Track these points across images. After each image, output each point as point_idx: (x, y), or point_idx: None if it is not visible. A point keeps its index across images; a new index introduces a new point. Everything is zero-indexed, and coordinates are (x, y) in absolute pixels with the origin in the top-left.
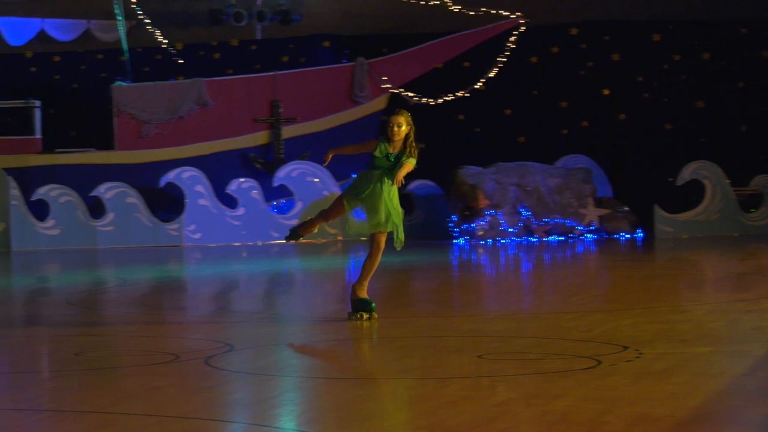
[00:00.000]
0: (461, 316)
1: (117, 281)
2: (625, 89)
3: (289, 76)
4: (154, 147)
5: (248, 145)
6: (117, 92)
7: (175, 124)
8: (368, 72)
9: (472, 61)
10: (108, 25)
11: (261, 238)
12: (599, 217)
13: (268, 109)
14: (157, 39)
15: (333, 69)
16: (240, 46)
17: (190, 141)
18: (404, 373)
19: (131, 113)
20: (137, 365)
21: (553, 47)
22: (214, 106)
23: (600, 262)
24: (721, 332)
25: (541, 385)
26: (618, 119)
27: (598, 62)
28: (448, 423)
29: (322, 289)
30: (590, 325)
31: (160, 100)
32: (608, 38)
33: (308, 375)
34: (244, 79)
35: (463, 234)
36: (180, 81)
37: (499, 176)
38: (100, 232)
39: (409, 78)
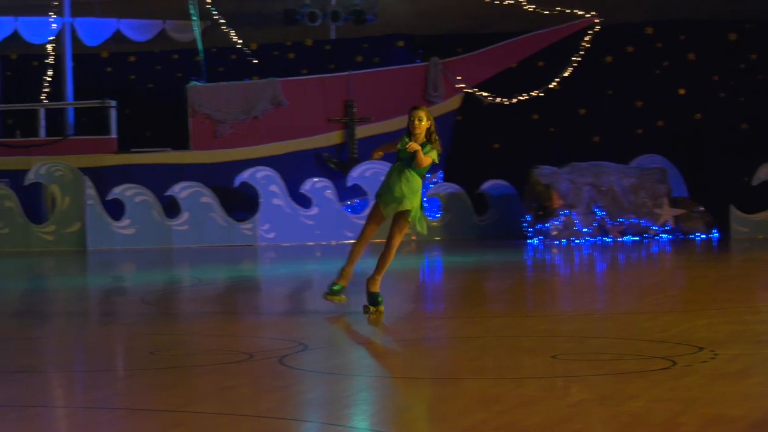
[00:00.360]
0: (535, 316)
1: (191, 280)
2: (701, 89)
3: (364, 76)
4: (229, 147)
5: (322, 144)
6: (192, 92)
7: (249, 123)
8: (442, 72)
9: (547, 61)
10: (183, 26)
11: (335, 238)
12: (674, 217)
13: (342, 108)
14: (231, 39)
15: (407, 69)
16: (314, 46)
17: (265, 141)
18: (478, 373)
19: (206, 113)
20: (211, 364)
21: (628, 46)
22: (288, 105)
23: (675, 263)
24: None
25: (616, 386)
26: (693, 119)
27: (674, 61)
28: (522, 423)
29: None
30: (665, 325)
31: (234, 100)
32: (684, 37)
33: (382, 375)
34: (318, 79)
35: (537, 234)
36: (254, 81)
37: (573, 176)
38: (174, 232)
39: (483, 78)
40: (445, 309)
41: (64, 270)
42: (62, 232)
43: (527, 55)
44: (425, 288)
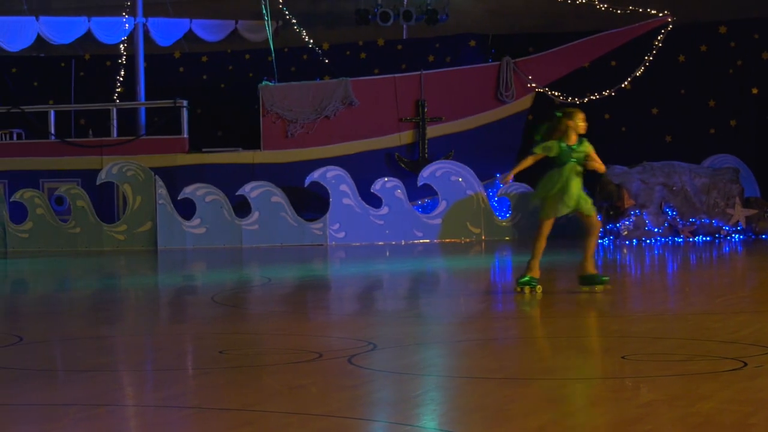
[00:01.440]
0: (605, 317)
1: (262, 280)
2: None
3: (435, 76)
4: (300, 146)
5: (393, 144)
6: (264, 92)
7: (320, 123)
8: (514, 71)
9: (619, 60)
10: (255, 26)
11: (404, 238)
12: (746, 217)
13: (413, 108)
14: (303, 39)
15: (479, 68)
16: (386, 46)
17: (336, 140)
18: (547, 374)
19: (278, 113)
20: (281, 363)
21: (701, 46)
22: (359, 105)
23: (747, 263)
24: None
25: (686, 387)
26: (766, 118)
27: (748, 61)
28: (591, 424)
29: (465, 289)
30: (737, 326)
31: (306, 100)
32: (758, 36)
33: (451, 374)
34: (389, 79)
35: (608, 234)
36: (326, 81)
37: (645, 176)
38: (245, 231)
39: (555, 77)
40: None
41: (134, 269)
42: (133, 232)
43: (599, 55)
44: (495, 288)
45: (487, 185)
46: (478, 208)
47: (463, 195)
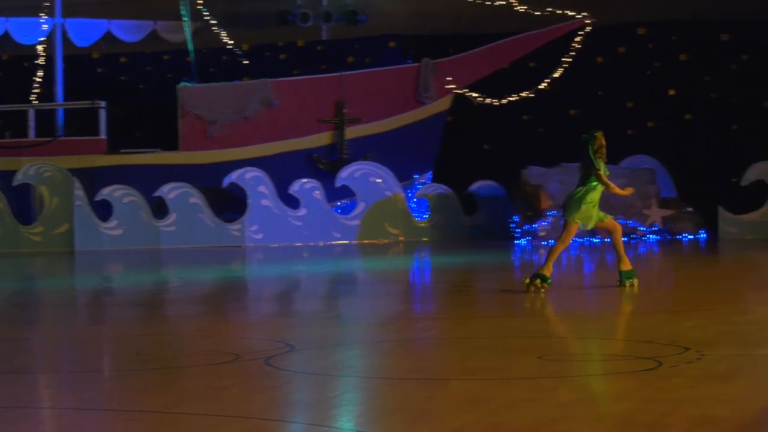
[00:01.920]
0: (524, 317)
1: (179, 281)
2: (692, 89)
3: (355, 77)
4: (219, 147)
5: (312, 145)
6: (183, 93)
7: (240, 124)
8: (433, 72)
9: (538, 62)
10: (174, 26)
11: (323, 239)
12: (663, 217)
13: (333, 109)
14: (223, 40)
15: (398, 69)
16: (306, 47)
17: (255, 141)
18: (466, 374)
19: (197, 114)
20: (199, 365)
21: (619, 47)
22: (279, 106)
23: (663, 264)
24: None
25: (603, 387)
26: (683, 119)
27: (665, 62)
28: (510, 424)
29: (384, 290)
30: (652, 326)
31: (225, 101)
32: (675, 38)
33: (369, 375)
34: (309, 80)
35: (525, 234)
36: (246, 82)
37: (562, 177)
38: (162, 233)
39: (475, 78)
40: (434, 310)
41: (51, 271)
42: (50, 233)
43: (518, 56)
44: (414, 289)
45: (405, 186)
46: (397, 209)
47: (381, 196)
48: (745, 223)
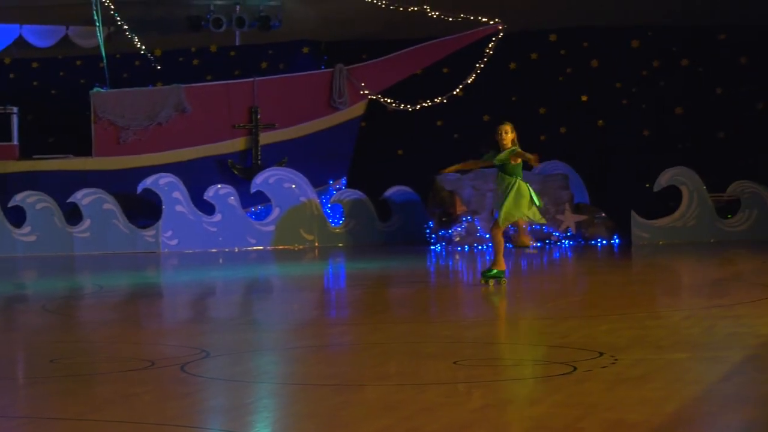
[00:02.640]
0: (438, 322)
1: (93, 288)
2: (604, 95)
3: (268, 83)
4: (132, 153)
5: (226, 151)
6: (95, 98)
7: (153, 130)
8: (347, 78)
9: (451, 68)
10: (87, 32)
11: (238, 245)
12: (576, 223)
13: (246, 115)
14: (135, 45)
15: (312, 75)
16: (219, 52)
17: (169, 147)
18: (381, 380)
19: (109, 119)
20: (113, 372)
21: (532, 53)
22: (192, 112)
23: (577, 268)
24: (697, 338)
25: (517, 392)
26: (596, 125)
27: (577, 68)
28: (425, 429)
29: (299, 296)
30: (566, 331)
31: (138, 107)
32: (587, 44)
33: (285, 381)
34: (222, 86)
35: (440, 240)
36: (158, 87)
37: (476, 182)
38: (76, 239)
39: (388, 84)
40: (349, 315)
41: None
42: None
43: (432, 62)
44: (329, 294)
45: (320, 192)
46: (312, 214)
47: (296, 202)
48: (658, 228)
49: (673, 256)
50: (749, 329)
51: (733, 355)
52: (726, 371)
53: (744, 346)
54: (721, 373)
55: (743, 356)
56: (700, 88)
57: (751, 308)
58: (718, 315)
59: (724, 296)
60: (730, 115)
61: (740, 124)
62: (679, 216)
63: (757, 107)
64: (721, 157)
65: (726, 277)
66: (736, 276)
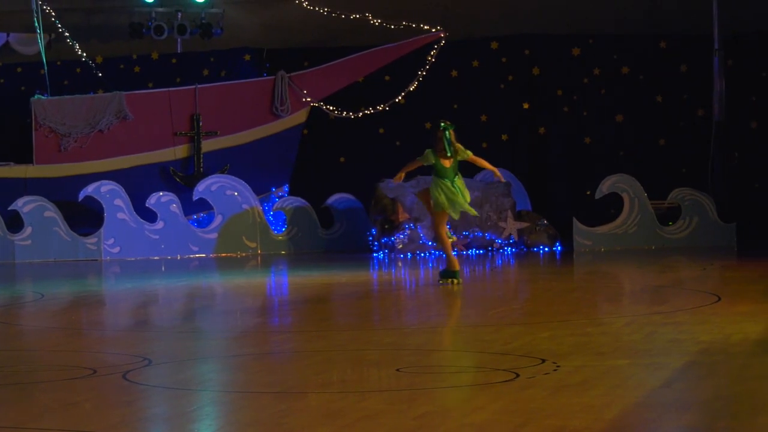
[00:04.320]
0: (380, 330)
1: (34, 295)
2: (545, 103)
3: (210, 90)
4: (74, 161)
5: (168, 158)
6: (36, 105)
7: (94, 137)
8: (289, 85)
9: (393, 75)
10: (27, 38)
11: (180, 252)
12: (518, 230)
13: (188, 122)
14: (76, 52)
15: (254, 82)
16: (160, 60)
17: (110, 154)
18: (323, 387)
19: (50, 126)
20: (54, 380)
21: (473, 61)
22: (134, 119)
23: (519, 276)
24: (638, 345)
25: (460, 399)
26: (537, 133)
27: (518, 76)
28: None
29: (241, 303)
30: (509, 338)
31: (79, 114)
32: (528, 52)
33: (227, 389)
34: (164, 93)
35: (383, 247)
36: (99, 94)
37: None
38: (17, 246)
39: (330, 91)
40: (292, 323)
41: None
42: None
43: (373, 69)
44: (271, 302)
45: (262, 199)
46: (254, 222)
47: (238, 209)
48: (600, 235)
49: (614, 262)
50: (690, 336)
51: (674, 362)
52: (667, 377)
53: (684, 353)
54: (662, 379)
55: (684, 363)
56: (641, 96)
57: (691, 315)
58: (659, 321)
59: (664, 303)
60: (671, 122)
61: (681, 131)
62: (621, 223)
63: (698, 114)
64: (662, 164)
65: (667, 284)
66: (677, 283)
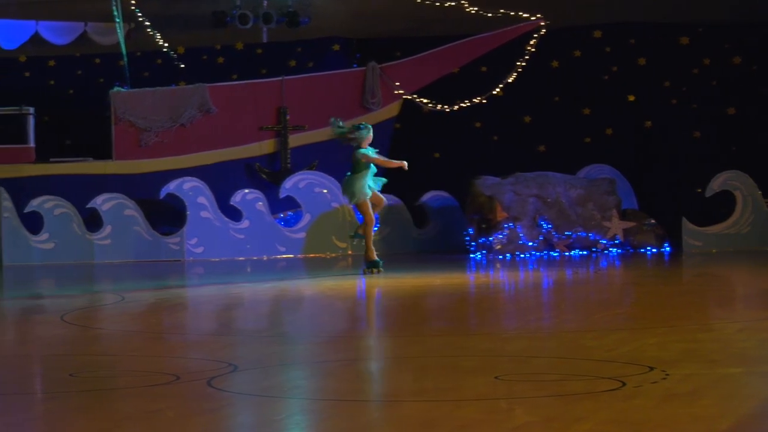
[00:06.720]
0: (477, 335)
1: (114, 298)
2: (652, 95)
3: (297, 82)
4: (154, 156)
5: (253, 154)
6: (115, 98)
7: (176, 132)
8: (380, 77)
9: (490, 66)
10: (106, 28)
11: (266, 253)
12: (624, 230)
13: (274, 116)
14: (157, 42)
15: (343, 74)
16: (245, 50)
17: (192, 150)
18: (417, 395)
19: (130, 120)
20: (135, 386)
21: (575, 51)
22: (217, 113)
23: (624, 278)
24: (751, 352)
25: (561, 408)
26: (644, 127)
27: (623, 67)
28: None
29: (330, 306)
30: (613, 344)
31: (160, 107)
32: (634, 41)
33: (316, 397)
34: (249, 85)
35: (480, 248)
36: (182, 87)
37: (517, 187)
38: (96, 246)
39: (423, 83)
40: (383, 328)
41: None
42: None
43: (469, 60)
44: (362, 305)
45: None
46: (344, 221)
47: (327, 208)
48: (710, 235)
49: (726, 265)
50: None
51: None
52: None
53: None
54: None
55: None
56: (754, 88)
57: None
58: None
59: None
60: None
61: None
62: (733, 223)
63: None
64: None
65: None
66: None
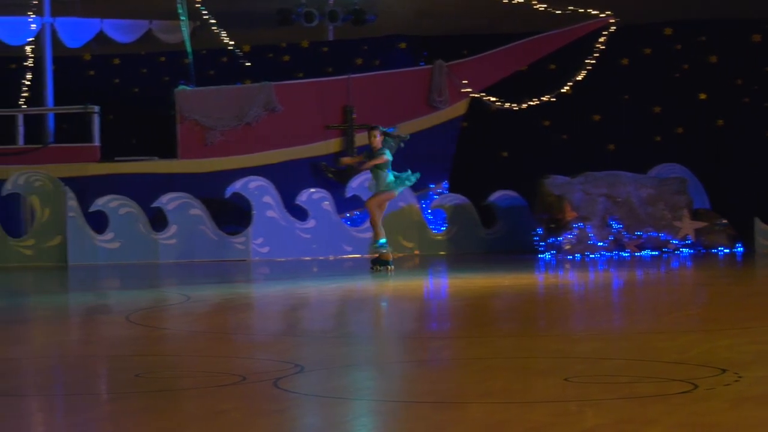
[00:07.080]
0: (547, 336)
1: (180, 298)
2: (723, 93)
3: (363, 80)
4: (220, 155)
5: (319, 153)
6: (180, 97)
7: (241, 130)
8: (447, 75)
9: (559, 64)
10: (171, 26)
11: (333, 252)
12: (695, 230)
13: (340, 114)
14: (222, 40)
15: (410, 72)
16: (311, 48)
17: (258, 149)
18: (486, 397)
19: (195, 119)
20: (201, 387)
21: (645, 48)
22: (283, 111)
23: (696, 279)
24: None
25: (633, 411)
26: (715, 125)
27: (694, 64)
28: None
29: (397, 307)
30: (685, 346)
31: (225, 106)
32: (705, 39)
33: (383, 398)
34: (315, 83)
35: (549, 248)
36: (247, 85)
37: (587, 186)
38: (161, 246)
39: (491, 81)
40: (451, 328)
41: (43, 286)
42: (42, 246)
43: (538, 58)
44: (429, 306)
45: (420, 196)
46: (411, 220)
47: (394, 207)
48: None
49: None
50: None
51: None
52: None
53: None
54: None
55: None
56: None
57: None
58: None
59: None
60: None
61: None
62: None
63: None
64: None
65: None
66: None
